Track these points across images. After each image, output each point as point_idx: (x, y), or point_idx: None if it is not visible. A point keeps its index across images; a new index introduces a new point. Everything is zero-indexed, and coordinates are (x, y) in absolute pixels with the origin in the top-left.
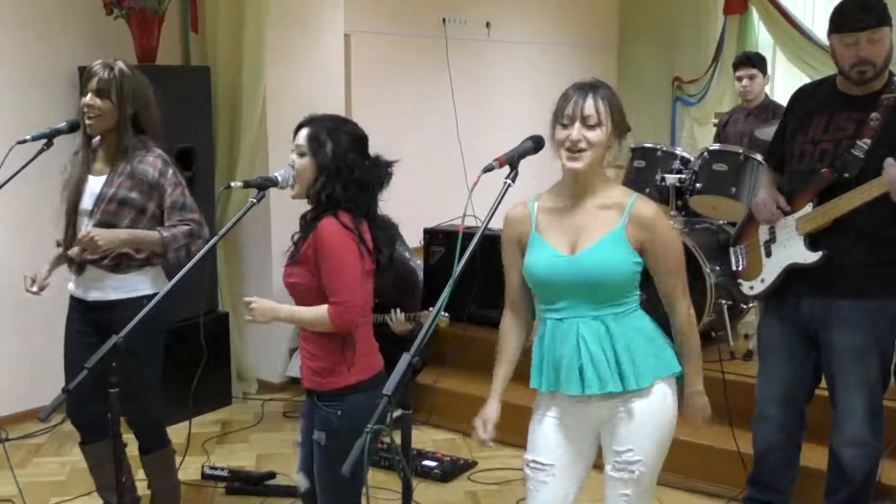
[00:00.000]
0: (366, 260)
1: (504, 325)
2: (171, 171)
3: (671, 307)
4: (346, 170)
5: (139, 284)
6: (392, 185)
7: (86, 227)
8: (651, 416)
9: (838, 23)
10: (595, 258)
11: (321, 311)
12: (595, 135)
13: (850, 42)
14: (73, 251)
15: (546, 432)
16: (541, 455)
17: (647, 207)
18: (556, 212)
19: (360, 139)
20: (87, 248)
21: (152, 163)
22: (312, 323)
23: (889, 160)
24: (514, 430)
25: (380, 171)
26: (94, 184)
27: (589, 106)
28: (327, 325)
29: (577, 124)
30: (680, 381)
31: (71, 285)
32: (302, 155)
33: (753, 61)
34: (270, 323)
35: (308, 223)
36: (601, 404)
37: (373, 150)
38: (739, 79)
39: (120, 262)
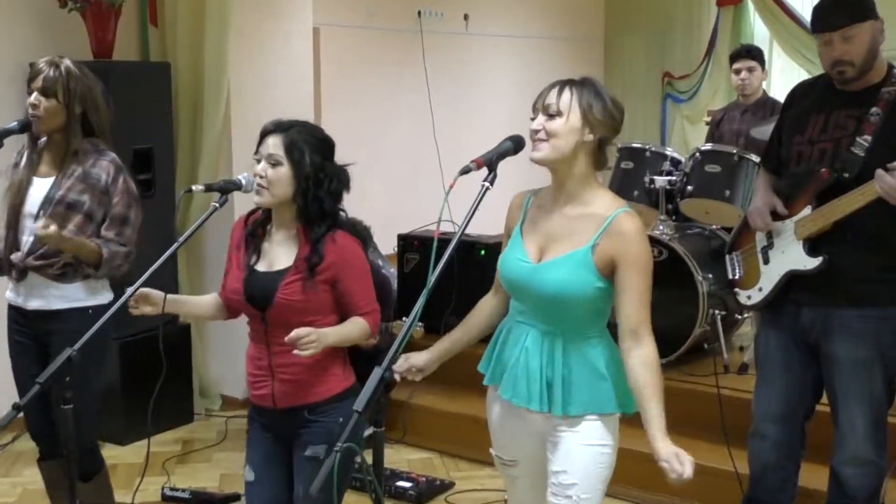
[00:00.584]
0: None
1: (481, 302)
2: (122, 179)
3: (636, 340)
4: (327, 180)
5: (84, 295)
6: (364, 189)
7: (29, 231)
8: (582, 447)
9: (813, 22)
10: (553, 274)
11: (362, 323)
12: (554, 125)
13: (825, 41)
14: (17, 256)
15: (495, 427)
16: (500, 450)
17: (629, 222)
18: (541, 211)
19: (330, 144)
20: (46, 239)
21: (105, 167)
22: (359, 337)
23: (879, 171)
24: (484, 447)
25: (343, 178)
26: (41, 186)
27: (552, 95)
28: (369, 334)
29: (540, 114)
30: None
31: (9, 293)
32: (276, 164)
33: (753, 53)
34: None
35: (319, 239)
36: (538, 417)
37: (345, 150)
38: (737, 72)
39: (66, 271)
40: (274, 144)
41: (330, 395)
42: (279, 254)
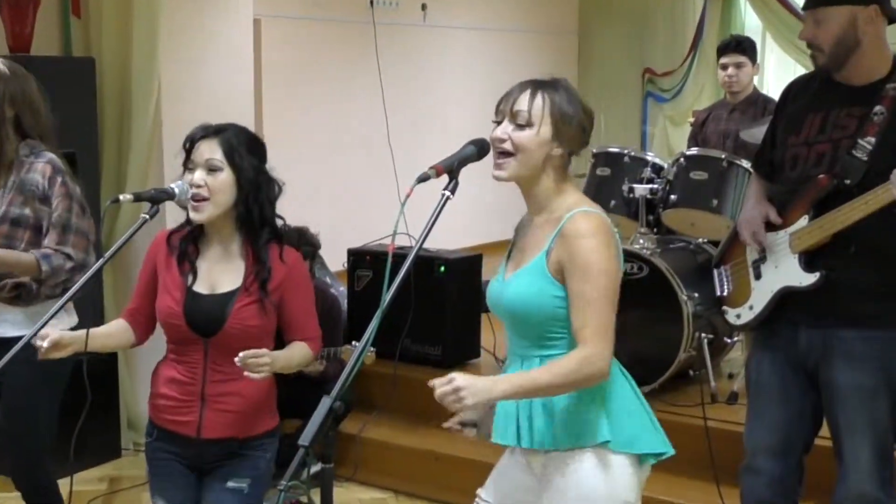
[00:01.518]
0: None
1: None
2: (60, 180)
3: (580, 343)
4: (265, 184)
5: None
6: (311, 198)
7: None
8: (573, 487)
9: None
10: (512, 289)
11: (305, 349)
12: (523, 137)
13: (805, 22)
14: None
15: (495, 468)
16: (484, 489)
17: (580, 222)
18: (520, 231)
19: (265, 147)
20: None
21: (41, 170)
22: (299, 364)
23: None
24: (446, 486)
25: (279, 183)
26: None
27: (522, 101)
28: (309, 362)
29: (506, 121)
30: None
31: None
32: (215, 170)
33: (743, 46)
34: None
35: (260, 252)
36: (526, 453)
37: (289, 154)
38: (724, 66)
39: (20, 293)
40: (210, 149)
41: (264, 431)
42: (221, 274)
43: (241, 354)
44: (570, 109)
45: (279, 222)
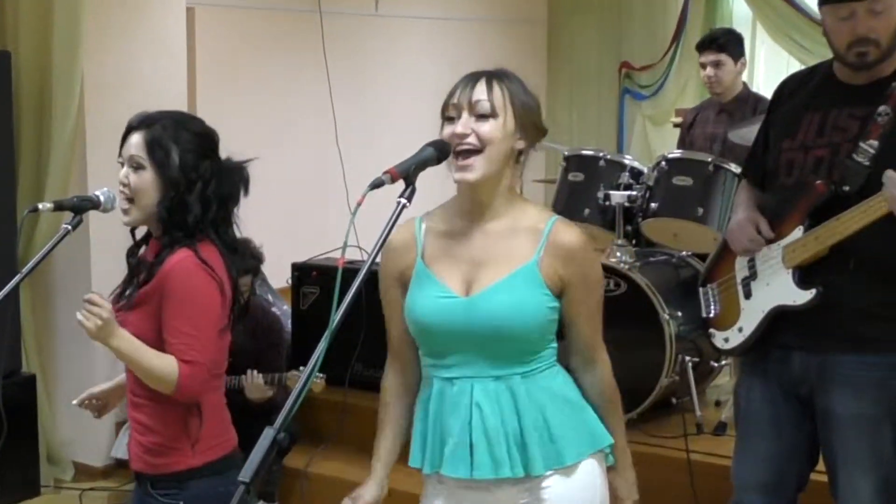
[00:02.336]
0: (226, 309)
1: (386, 386)
2: None
3: (589, 363)
4: (202, 182)
5: None
6: (250, 207)
7: None
8: (585, 499)
9: None
10: (498, 302)
11: (171, 365)
12: (489, 129)
13: (844, 14)
14: None
15: None
16: None
17: (569, 233)
18: (450, 236)
19: (210, 138)
20: None
21: None
22: (152, 373)
23: (889, 172)
24: None
25: (235, 179)
26: None
27: (480, 91)
28: (170, 385)
29: (465, 114)
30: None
31: None
32: (138, 168)
33: (720, 43)
34: (98, 341)
35: (157, 258)
36: (508, 490)
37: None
38: (703, 66)
39: None
40: (136, 143)
41: (170, 472)
42: None
43: (86, 296)
44: (527, 98)
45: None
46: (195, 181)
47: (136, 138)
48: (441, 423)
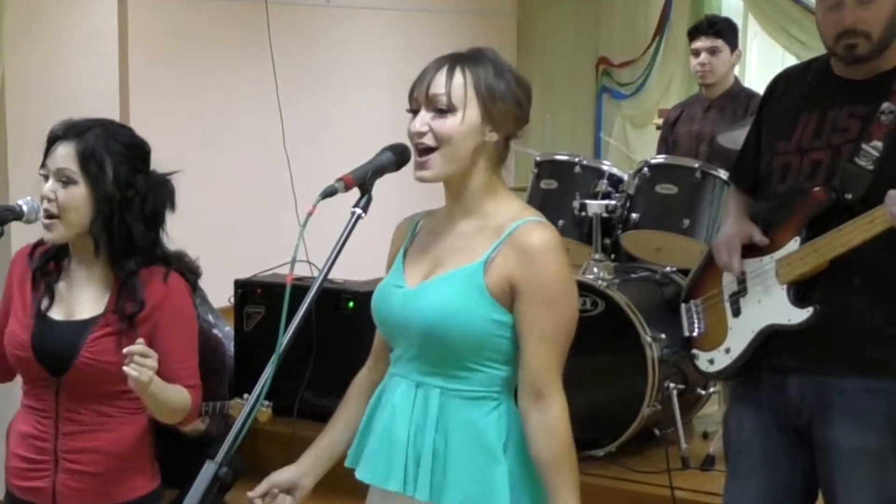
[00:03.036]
0: None
1: (354, 381)
2: None
3: (536, 400)
4: (139, 198)
5: None
6: (188, 217)
7: None
8: None
9: None
10: (433, 296)
11: (185, 395)
12: (446, 125)
13: (831, 3)
14: None
15: None
16: None
17: (537, 234)
18: (431, 233)
19: (142, 149)
20: None
21: None
22: (173, 407)
23: (893, 193)
24: None
25: (165, 193)
26: None
27: (438, 82)
28: (183, 415)
29: (423, 110)
30: None
31: None
32: (68, 182)
33: (718, 28)
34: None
35: (133, 276)
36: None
37: (160, 163)
38: (696, 52)
39: None
40: (65, 155)
41: (134, 498)
42: (82, 298)
43: (126, 349)
44: (498, 83)
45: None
46: (132, 198)
47: (65, 150)
48: (371, 420)
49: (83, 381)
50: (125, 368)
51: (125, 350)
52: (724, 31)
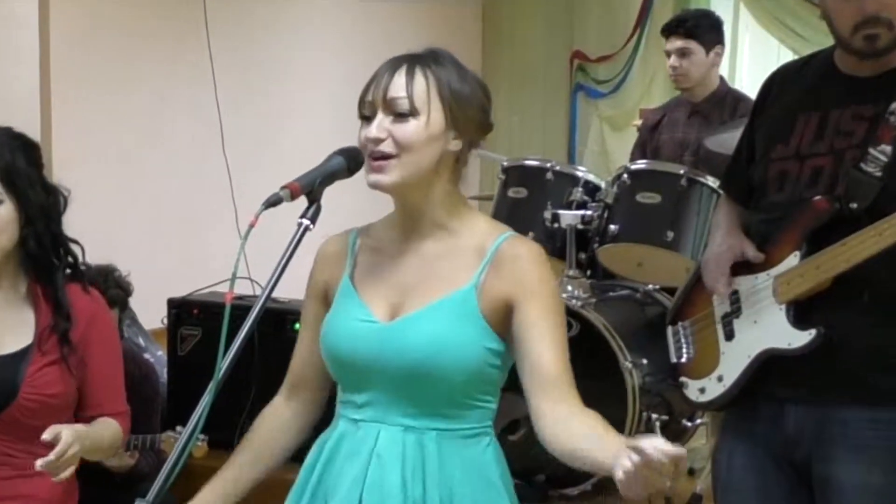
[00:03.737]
0: None
1: (265, 413)
2: None
3: (574, 414)
4: (55, 212)
5: None
6: (115, 228)
7: None
8: None
9: None
10: (417, 332)
11: (115, 428)
12: (409, 131)
13: None
14: None
15: None
16: None
17: (523, 247)
18: (381, 254)
19: (40, 155)
20: None
21: None
22: (107, 449)
23: None
24: None
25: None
26: None
27: (398, 84)
28: (117, 447)
29: (380, 114)
30: None
31: None
32: None
33: (689, 27)
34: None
35: (58, 295)
36: None
37: (88, 167)
38: (668, 54)
39: None
40: None
41: None
42: (4, 329)
43: (39, 463)
44: (463, 87)
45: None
46: (52, 206)
47: None
48: (332, 470)
49: (22, 418)
50: (39, 466)
51: (38, 466)
52: (695, 30)
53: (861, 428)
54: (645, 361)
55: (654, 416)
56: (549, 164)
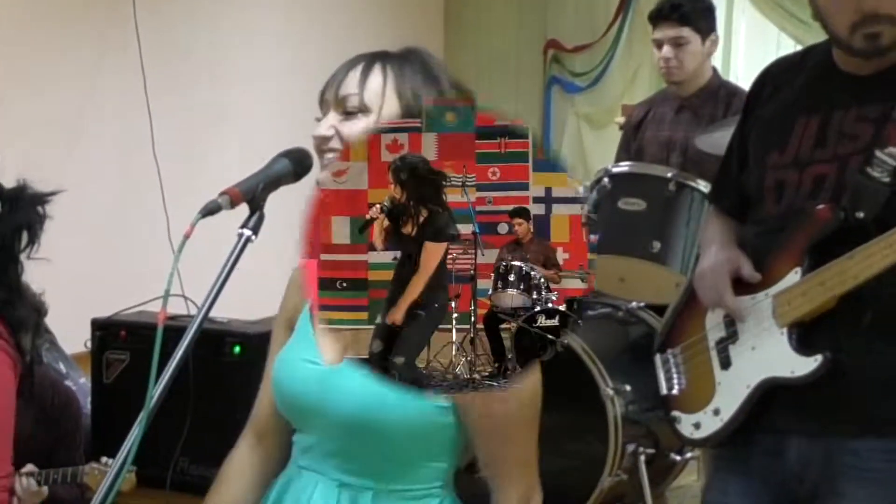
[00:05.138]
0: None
1: (232, 457)
2: None
3: (494, 491)
4: None
5: None
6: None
7: None
8: None
9: None
10: (357, 381)
11: None
12: (354, 128)
13: None
14: None
15: None
16: None
17: None
18: None
19: None
20: None
21: None
22: None
23: None
24: None
25: (23, 218)
26: None
27: (351, 82)
28: None
29: (332, 112)
30: None
31: None
32: None
33: (683, 12)
34: None
35: None
36: None
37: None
38: (658, 44)
39: None
40: None
41: None
42: None
43: None
44: (427, 87)
45: None
46: None
47: None
48: None
49: None
50: None
51: None
52: (690, 15)
53: (874, 459)
54: (628, 388)
55: (639, 448)
56: None
